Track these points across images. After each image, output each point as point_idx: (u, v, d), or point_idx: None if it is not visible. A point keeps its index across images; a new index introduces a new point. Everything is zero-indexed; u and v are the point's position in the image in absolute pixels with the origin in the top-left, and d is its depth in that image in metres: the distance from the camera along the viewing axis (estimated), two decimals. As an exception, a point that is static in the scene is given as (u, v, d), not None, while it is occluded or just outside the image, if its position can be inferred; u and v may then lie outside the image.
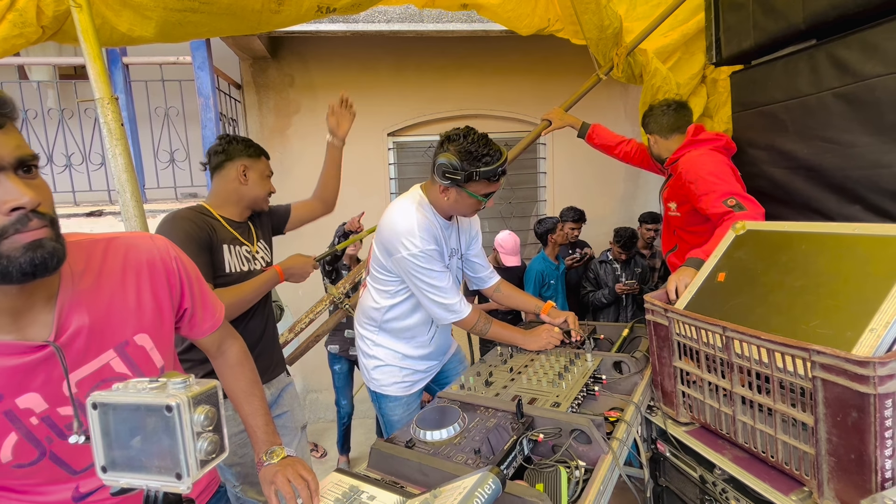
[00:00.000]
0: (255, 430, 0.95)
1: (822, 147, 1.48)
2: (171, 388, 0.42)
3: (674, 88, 2.29)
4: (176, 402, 0.40)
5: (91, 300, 0.69)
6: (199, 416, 0.41)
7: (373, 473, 1.03)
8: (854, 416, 0.78)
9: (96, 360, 0.70)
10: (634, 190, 4.48)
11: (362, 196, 3.89)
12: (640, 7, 2.30)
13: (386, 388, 1.57)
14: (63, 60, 3.31)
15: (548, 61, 3.88)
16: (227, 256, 1.43)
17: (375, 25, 3.32)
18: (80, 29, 1.35)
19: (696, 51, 2.40)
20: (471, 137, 1.34)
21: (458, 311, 1.46)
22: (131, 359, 0.74)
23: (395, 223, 1.41)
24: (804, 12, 1.45)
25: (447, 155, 1.34)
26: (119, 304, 0.73)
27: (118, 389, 0.44)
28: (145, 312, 0.76)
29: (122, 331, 0.73)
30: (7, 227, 0.56)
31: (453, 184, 1.36)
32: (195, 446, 0.41)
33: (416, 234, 1.37)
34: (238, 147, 1.52)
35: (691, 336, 1.12)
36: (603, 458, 0.98)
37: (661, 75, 2.26)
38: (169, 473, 0.42)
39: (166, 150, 3.45)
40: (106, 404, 0.42)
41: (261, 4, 1.68)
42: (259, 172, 1.55)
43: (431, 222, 1.43)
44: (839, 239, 1.03)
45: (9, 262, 0.56)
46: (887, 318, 0.82)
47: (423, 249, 1.37)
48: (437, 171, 1.37)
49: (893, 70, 1.24)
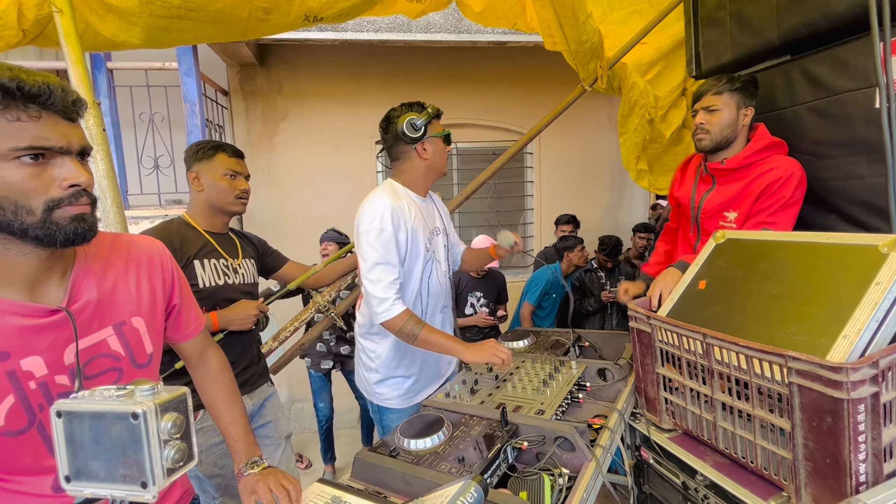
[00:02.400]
0: (234, 439, 0.94)
1: (798, 158, 1.52)
2: (138, 396, 0.41)
3: (651, 101, 2.33)
4: (142, 410, 0.39)
5: (99, 279, 0.79)
6: (167, 423, 0.41)
7: (356, 483, 1.02)
8: (829, 420, 0.79)
9: (96, 334, 0.77)
10: (620, 199, 4.55)
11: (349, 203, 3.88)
12: (616, 12, 2.33)
13: (389, 401, 1.54)
14: (44, 65, 3.26)
15: (534, 71, 3.94)
16: (198, 271, 1.40)
17: (364, 35, 3.35)
18: (62, 33, 1.33)
19: (675, 65, 2.45)
20: (399, 105, 1.51)
21: (386, 308, 1.37)
22: (126, 339, 0.81)
23: (362, 208, 1.45)
24: (778, 29, 1.50)
25: (401, 119, 1.46)
26: (121, 287, 0.82)
27: (84, 397, 0.43)
28: (142, 299, 0.85)
29: (122, 311, 0.81)
30: (63, 199, 0.66)
31: (423, 136, 1.47)
32: (162, 454, 0.40)
33: (377, 212, 1.39)
34: (189, 154, 1.48)
35: (673, 343, 1.13)
36: (586, 466, 0.99)
37: (639, 89, 2.31)
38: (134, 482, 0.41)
39: (151, 157, 3.40)
40: (71, 412, 0.41)
41: (248, 13, 1.68)
42: (212, 173, 1.46)
43: (408, 203, 1.47)
44: (814, 248, 1.06)
45: (57, 229, 0.66)
46: (859, 324, 0.84)
47: (378, 229, 1.38)
48: (406, 133, 1.46)
49: (863, 85, 1.29)
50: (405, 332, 1.38)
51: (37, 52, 3.37)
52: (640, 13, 2.28)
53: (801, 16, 1.41)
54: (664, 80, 2.48)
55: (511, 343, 1.76)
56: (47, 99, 0.64)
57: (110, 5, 1.49)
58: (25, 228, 0.64)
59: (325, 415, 3.13)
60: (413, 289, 1.50)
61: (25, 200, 0.63)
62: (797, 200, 1.44)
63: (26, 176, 0.63)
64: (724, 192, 1.54)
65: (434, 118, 1.50)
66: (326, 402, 3.13)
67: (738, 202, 1.51)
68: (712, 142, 1.51)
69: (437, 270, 1.56)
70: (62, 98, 0.65)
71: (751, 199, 1.47)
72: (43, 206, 0.64)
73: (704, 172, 1.61)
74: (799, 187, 1.43)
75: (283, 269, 1.78)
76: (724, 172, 1.53)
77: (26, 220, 0.64)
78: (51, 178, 0.65)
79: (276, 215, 3.84)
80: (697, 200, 1.63)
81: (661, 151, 2.62)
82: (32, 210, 0.64)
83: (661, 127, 2.49)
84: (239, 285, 1.51)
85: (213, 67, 3.59)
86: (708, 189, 1.60)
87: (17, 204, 0.63)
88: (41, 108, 0.63)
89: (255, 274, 1.63)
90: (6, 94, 0.60)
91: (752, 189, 1.47)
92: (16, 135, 0.62)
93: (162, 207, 3.28)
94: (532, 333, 1.83)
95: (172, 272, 0.92)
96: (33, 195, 0.64)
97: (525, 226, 4.46)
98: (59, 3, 1.32)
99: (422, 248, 1.48)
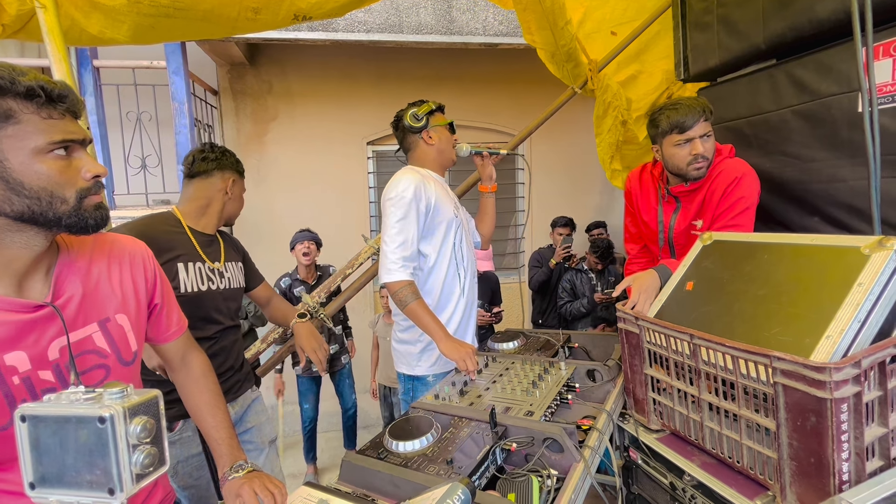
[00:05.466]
0: (219, 443, 0.93)
1: (784, 161, 1.55)
2: (106, 399, 0.40)
3: (623, 104, 2.36)
4: (109, 414, 0.38)
5: (83, 276, 0.81)
6: (136, 427, 0.40)
7: (343, 486, 1.01)
8: (813, 420, 0.80)
9: (81, 329, 0.78)
10: (610, 201, 4.59)
11: (341, 204, 3.87)
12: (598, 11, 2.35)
13: (432, 367, 1.63)
14: (26, 62, 3.20)
15: (526, 73, 3.95)
16: (181, 274, 1.37)
17: (355, 35, 3.34)
18: (45, 29, 1.31)
19: (653, 69, 2.47)
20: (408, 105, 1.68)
21: (391, 270, 1.50)
22: (111, 335, 0.82)
23: (388, 183, 1.60)
24: (764, 33, 1.52)
25: (406, 114, 1.65)
26: (105, 284, 0.84)
27: (49, 401, 0.41)
28: (126, 296, 0.87)
29: (106, 308, 0.83)
30: (90, 189, 0.73)
31: (426, 125, 1.64)
32: (130, 459, 0.39)
33: (400, 183, 1.54)
34: (231, 159, 1.55)
35: (661, 344, 1.14)
36: (575, 467, 0.99)
37: (612, 91, 2.34)
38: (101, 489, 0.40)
39: (138, 156, 3.36)
40: (36, 416, 0.40)
41: (237, 12, 1.67)
42: (241, 189, 1.61)
43: (428, 178, 1.62)
44: (799, 249, 1.07)
45: (88, 215, 0.73)
46: (842, 325, 0.85)
47: (400, 194, 1.52)
48: (411, 124, 1.63)
49: (846, 90, 1.31)
50: (400, 296, 1.49)
51: (18, 48, 3.31)
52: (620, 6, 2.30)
53: (786, 21, 1.44)
54: (640, 83, 2.51)
55: (501, 344, 1.76)
56: (66, 100, 0.71)
57: (96, 3, 1.47)
58: (60, 217, 0.70)
59: (310, 416, 3.14)
60: (447, 252, 1.63)
61: (61, 191, 0.70)
62: (754, 201, 1.48)
63: (61, 168, 0.70)
64: (689, 209, 1.58)
65: (436, 111, 1.67)
66: (311, 403, 3.14)
67: (702, 212, 1.56)
68: (707, 168, 1.50)
69: (465, 237, 1.71)
70: (75, 99, 0.73)
71: (712, 205, 1.51)
72: (76, 195, 0.71)
73: (667, 195, 1.62)
74: (751, 186, 1.46)
75: (258, 290, 1.71)
76: (687, 192, 1.56)
77: (59, 209, 0.70)
78: (76, 169, 0.72)
79: (266, 216, 3.81)
80: (667, 223, 1.65)
81: (641, 153, 2.66)
82: (66, 199, 0.70)
83: (635, 129, 2.52)
84: (224, 290, 1.48)
85: (202, 66, 3.55)
86: (674, 210, 1.63)
87: (53, 194, 0.69)
88: (66, 107, 0.71)
89: (242, 279, 1.60)
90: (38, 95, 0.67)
91: (710, 196, 1.51)
92: (51, 131, 0.68)
93: (149, 207, 3.23)
94: (522, 335, 1.84)
95: (154, 272, 0.94)
96: (67, 186, 0.70)
97: (516, 227, 4.48)
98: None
99: (449, 216, 1.62)
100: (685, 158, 1.48)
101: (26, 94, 0.66)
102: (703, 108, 1.46)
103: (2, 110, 0.65)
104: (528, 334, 1.87)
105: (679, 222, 1.62)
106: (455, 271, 1.65)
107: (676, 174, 1.54)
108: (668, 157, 1.52)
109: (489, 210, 1.92)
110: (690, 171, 1.49)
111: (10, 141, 0.65)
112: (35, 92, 0.66)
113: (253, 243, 1.78)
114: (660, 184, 1.64)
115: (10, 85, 0.64)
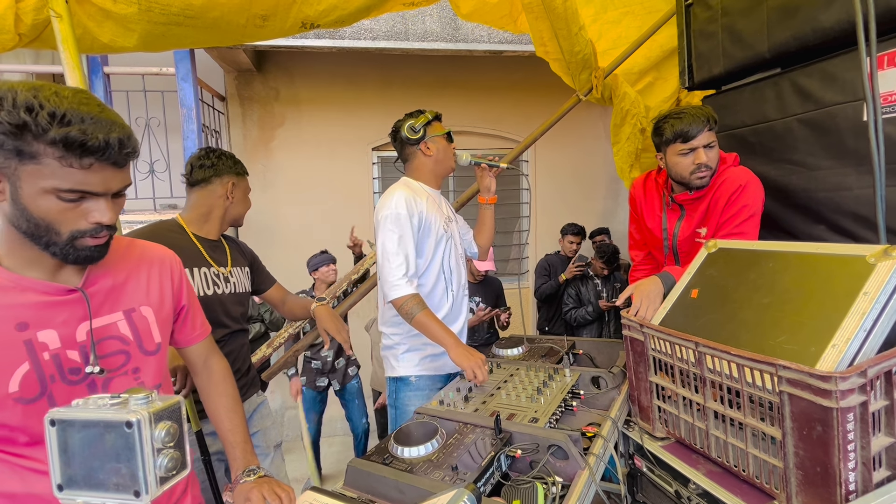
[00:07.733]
0: (233, 447, 0.95)
1: (789, 169, 1.55)
2: (132, 404, 0.41)
3: (642, 111, 2.36)
4: (136, 419, 0.40)
5: (113, 272, 0.88)
6: (161, 432, 0.41)
7: (349, 492, 1.01)
8: (818, 429, 0.80)
9: (107, 316, 0.85)
10: (615, 207, 4.58)
11: (346, 209, 3.89)
12: (609, 12, 2.35)
13: (413, 367, 1.63)
14: (40, 69, 3.25)
15: (530, 80, 3.98)
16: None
17: (361, 42, 3.37)
18: (59, 38, 1.34)
19: (668, 76, 2.48)
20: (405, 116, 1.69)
21: (397, 286, 1.51)
22: (135, 324, 0.88)
23: (380, 200, 1.63)
24: (768, 42, 1.52)
25: (403, 125, 1.65)
26: (133, 280, 0.91)
27: (78, 405, 0.43)
28: (152, 293, 0.93)
29: (133, 299, 0.89)
30: (86, 231, 0.75)
31: (424, 136, 1.65)
32: (155, 463, 0.40)
33: (393, 200, 1.56)
34: (227, 163, 1.53)
35: (666, 351, 1.14)
36: (580, 474, 0.99)
37: (630, 98, 2.34)
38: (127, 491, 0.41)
39: (146, 161, 3.40)
40: (65, 421, 0.41)
41: (245, 20, 1.70)
42: (243, 191, 1.59)
43: (422, 194, 1.64)
44: (804, 258, 1.07)
45: (75, 252, 0.76)
46: (848, 334, 0.85)
47: (395, 211, 1.54)
48: (409, 136, 1.64)
49: (851, 99, 1.31)
50: (406, 309, 1.50)
51: (33, 55, 3.36)
52: (633, 14, 2.31)
53: (790, 30, 1.44)
54: (656, 90, 2.52)
55: (505, 350, 1.76)
56: (102, 154, 0.71)
57: (109, 12, 1.49)
58: (48, 244, 0.74)
59: (311, 431, 3.05)
60: (435, 268, 1.65)
61: (56, 226, 0.73)
62: (758, 209, 1.47)
63: (63, 208, 0.72)
64: (693, 217, 1.59)
65: (434, 120, 1.67)
66: (313, 422, 3.07)
67: (707, 219, 1.55)
68: (710, 177, 1.50)
69: (454, 252, 1.72)
70: (117, 153, 0.73)
71: (717, 212, 1.51)
72: (69, 234, 0.74)
73: (672, 203, 1.62)
74: (755, 194, 1.46)
75: (270, 291, 1.73)
76: (692, 200, 1.56)
77: (52, 239, 0.74)
78: (82, 212, 0.74)
79: (272, 221, 3.84)
80: (671, 231, 1.65)
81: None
82: (60, 234, 0.74)
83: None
84: (230, 295, 1.49)
85: (210, 73, 3.60)
86: (678, 218, 1.63)
87: (50, 227, 0.73)
88: (95, 160, 0.71)
89: (248, 284, 1.61)
90: (68, 147, 0.68)
91: (714, 204, 1.51)
92: (63, 178, 0.70)
93: (157, 212, 3.26)
94: (526, 341, 1.84)
95: (181, 276, 1.01)
96: (63, 224, 0.73)
97: (520, 233, 4.48)
98: (57, 8, 1.32)
99: (439, 231, 1.64)
100: (688, 167, 1.49)
101: (53, 141, 0.68)
102: (708, 117, 1.46)
103: (29, 151, 0.68)
104: (532, 340, 1.87)
105: (683, 230, 1.62)
106: (444, 287, 1.66)
107: (680, 182, 1.55)
108: (672, 166, 1.52)
109: (487, 222, 1.90)
110: (693, 180, 1.50)
111: (28, 176, 0.69)
112: (65, 142, 0.68)
113: (258, 249, 1.79)
114: (664, 191, 1.65)
115: (42, 133, 0.67)
